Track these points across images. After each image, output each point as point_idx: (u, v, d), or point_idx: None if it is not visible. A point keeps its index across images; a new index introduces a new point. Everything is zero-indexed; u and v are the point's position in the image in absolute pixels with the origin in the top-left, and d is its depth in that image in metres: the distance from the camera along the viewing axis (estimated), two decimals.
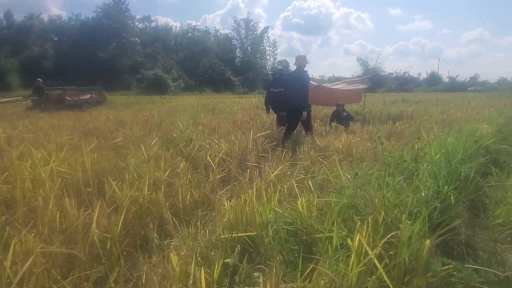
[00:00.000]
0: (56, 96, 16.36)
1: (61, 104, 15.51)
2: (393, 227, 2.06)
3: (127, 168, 4.02)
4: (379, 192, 2.34)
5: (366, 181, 2.98)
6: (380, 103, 14.41)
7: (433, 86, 63.88)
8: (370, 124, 9.62)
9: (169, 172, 4.19)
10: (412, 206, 2.26)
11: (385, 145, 4.97)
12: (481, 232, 2.59)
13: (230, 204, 2.52)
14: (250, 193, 2.78)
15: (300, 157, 4.98)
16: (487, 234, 2.56)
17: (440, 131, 7.10)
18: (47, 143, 5.65)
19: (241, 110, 15.90)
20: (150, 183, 3.64)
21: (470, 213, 2.90)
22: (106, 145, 6.04)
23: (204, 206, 3.58)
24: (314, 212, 2.42)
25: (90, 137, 7.25)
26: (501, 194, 3.77)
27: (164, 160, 4.80)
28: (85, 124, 9.14)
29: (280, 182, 3.78)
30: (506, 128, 7.97)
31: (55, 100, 15.99)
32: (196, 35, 64.64)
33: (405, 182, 3.24)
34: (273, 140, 6.76)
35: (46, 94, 16.06)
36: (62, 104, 15.51)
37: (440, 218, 2.26)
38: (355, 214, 2.34)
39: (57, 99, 16.07)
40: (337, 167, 3.24)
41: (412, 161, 3.86)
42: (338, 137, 6.57)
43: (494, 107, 14.65)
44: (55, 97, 16.24)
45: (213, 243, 2.23)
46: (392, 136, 7.59)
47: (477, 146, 4.87)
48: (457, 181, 3.39)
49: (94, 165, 4.43)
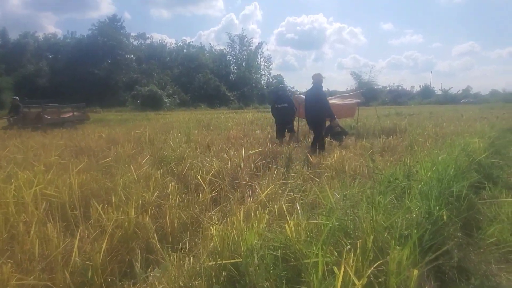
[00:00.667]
0: (35, 114, 15.68)
1: (40, 123, 14.72)
2: (383, 252, 2.00)
3: (115, 190, 3.92)
4: (369, 214, 2.28)
5: (356, 201, 2.92)
6: (374, 117, 14.44)
7: (427, 98, 64.55)
8: (364, 138, 9.60)
9: (158, 193, 4.11)
10: (403, 229, 2.20)
11: (377, 162, 4.93)
12: (474, 253, 2.53)
13: (216, 228, 2.43)
14: (238, 215, 2.70)
15: (292, 175, 4.91)
16: (481, 255, 2.49)
17: (433, 145, 7.10)
18: (36, 164, 5.55)
19: (236, 125, 15.86)
20: (137, 205, 3.56)
21: (463, 233, 2.84)
22: (96, 165, 5.95)
23: (193, 228, 3.49)
24: (302, 236, 2.34)
25: (81, 156, 7.15)
26: (495, 210, 3.73)
27: (154, 180, 4.72)
28: (77, 143, 9.03)
29: (271, 202, 3.71)
30: (498, 141, 8.00)
31: (34, 119, 15.28)
32: (191, 51, 65.20)
33: (397, 201, 3.19)
34: (265, 157, 6.70)
35: (22, 112, 15.40)
36: (40, 123, 14.71)
37: (431, 240, 2.20)
38: (345, 237, 2.27)
39: (35, 118, 15.35)
40: (328, 186, 3.17)
41: (404, 179, 3.82)
42: (331, 153, 6.53)
43: (486, 120, 14.77)
44: (34, 116, 15.51)
45: (196, 271, 2.15)
46: (386, 151, 7.55)
47: (469, 161, 4.85)
48: (450, 198, 3.35)
49: (82, 186, 4.34)
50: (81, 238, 3.03)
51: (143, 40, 63.27)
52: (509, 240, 2.92)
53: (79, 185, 4.28)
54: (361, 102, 12.75)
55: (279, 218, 3.15)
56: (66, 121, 16.40)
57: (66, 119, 16.62)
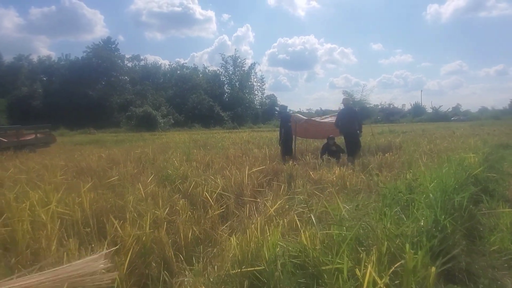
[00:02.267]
0: None
1: None
2: (396, 258, 2.13)
3: (126, 207, 4.02)
4: (380, 223, 2.42)
5: (365, 212, 3.07)
6: (369, 135, 14.71)
7: (418, 116, 65.57)
8: (361, 155, 9.81)
9: (168, 210, 4.21)
10: (413, 236, 2.35)
11: (380, 177, 5.10)
12: (479, 259, 2.67)
13: (236, 239, 2.55)
14: (253, 228, 2.82)
15: (296, 191, 5.05)
16: (485, 261, 2.64)
17: (430, 161, 7.31)
18: (42, 184, 5.62)
19: (233, 145, 16.01)
20: (151, 221, 3.66)
21: (467, 241, 2.99)
22: (102, 184, 6.03)
23: (206, 242, 3.59)
24: (317, 245, 2.47)
25: (84, 176, 7.23)
26: (494, 221, 3.89)
27: (162, 198, 4.83)
28: (77, 164, 9.09)
29: (279, 216, 3.83)
30: (492, 156, 8.25)
31: None
32: (185, 72, 66.00)
33: (402, 213, 3.34)
34: (267, 175, 6.85)
35: None
36: None
37: (440, 246, 2.34)
38: (358, 246, 2.40)
39: None
40: (336, 199, 3.32)
41: (407, 192, 3.98)
42: (331, 170, 6.69)
43: (478, 136, 15.13)
44: None
45: (222, 279, 2.25)
46: (383, 167, 7.74)
47: (466, 175, 5.04)
48: (453, 209, 3.51)
49: (92, 204, 4.42)
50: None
51: (137, 61, 64.09)
52: (510, 248, 3.07)
53: (89, 203, 4.37)
54: None
55: (290, 231, 3.28)
56: (27, 144, 15.32)
57: (27, 142, 15.55)
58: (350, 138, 9.62)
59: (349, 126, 9.52)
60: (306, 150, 12.38)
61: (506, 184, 6.05)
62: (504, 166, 8.14)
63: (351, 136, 9.57)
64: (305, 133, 12.54)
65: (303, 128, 11.98)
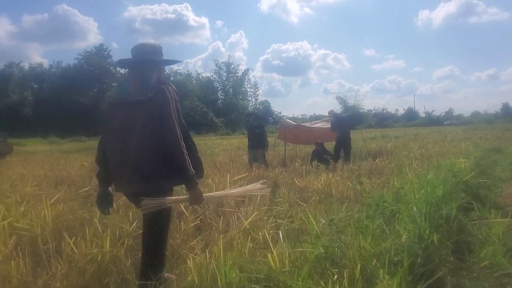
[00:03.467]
0: None
1: None
2: (372, 282, 1.86)
3: (91, 221, 3.72)
4: (356, 240, 2.15)
5: (344, 226, 2.80)
6: (361, 140, 14.51)
7: (411, 121, 65.79)
8: (351, 161, 9.56)
9: (138, 222, 3.90)
10: (392, 255, 2.08)
11: (364, 185, 4.84)
12: (468, 278, 2.41)
13: (194, 260, 2.27)
14: (219, 245, 2.54)
15: (277, 200, 4.77)
16: (475, 281, 2.37)
17: (420, 167, 7.07)
18: (12, 195, 5.29)
19: (223, 151, 15.75)
20: (114, 236, 3.37)
21: (455, 257, 2.72)
22: (76, 195, 5.72)
23: (174, 259, 3.29)
24: (287, 265, 2.19)
25: (61, 186, 6.92)
26: (486, 232, 3.64)
27: (135, 209, 4.53)
28: (58, 173, 8.75)
29: (256, 229, 3.55)
30: (483, 161, 8.04)
31: None
32: (178, 78, 65.65)
33: (387, 225, 3.08)
34: (252, 182, 6.56)
35: None
36: None
37: (423, 266, 2.07)
38: (332, 266, 2.13)
39: None
40: (312, 212, 3.04)
41: (393, 201, 3.72)
42: (318, 177, 6.42)
43: (470, 140, 14.99)
44: None
45: None
46: (373, 173, 7.49)
47: (456, 181, 4.80)
48: (440, 220, 3.25)
49: (57, 218, 4.11)
50: (53, 274, 2.82)
51: None
52: (502, 263, 2.81)
53: (54, 217, 4.06)
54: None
55: (264, 247, 3.00)
56: None
57: None
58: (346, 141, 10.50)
59: (345, 131, 10.42)
60: (296, 156, 12.14)
61: (498, 190, 5.83)
62: (496, 171, 7.93)
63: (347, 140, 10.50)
64: (295, 138, 12.33)
65: (293, 134, 11.77)
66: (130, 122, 2.31)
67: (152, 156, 2.26)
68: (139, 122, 2.27)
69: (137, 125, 2.28)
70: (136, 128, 2.28)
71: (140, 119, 2.27)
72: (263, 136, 9.56)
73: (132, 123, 2.30)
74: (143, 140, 2.26)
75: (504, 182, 6.70)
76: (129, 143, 2.29)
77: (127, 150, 2.29)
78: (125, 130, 2.32)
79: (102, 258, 2.82)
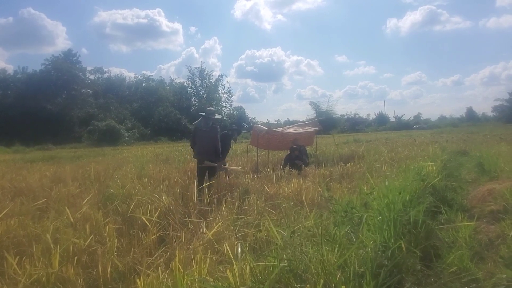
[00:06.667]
0: None
1: None
2: None
3: (40, 237, 3.43)
4: (319, 253, 2.03)
5: (311, 235, 2.68)
6: (333, 145, 14.61)
7: (382, 125, 67.48)
8: (323, 166, 9.55)
9: (94, 237, 3.64)
10: (357, 267, 1.97)
11: (332, 191, 4.76)
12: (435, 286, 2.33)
13: (145, 280, 2.07)
14: (177, 261, 2.35)
15: (245, 208, 4.61)
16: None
17: (389, 171, 7.11)
18: None
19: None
20: (67, 253, 3.11)
21: (422, 264, 2.65)
22: (32, 207, 5.35)
23: (132, 277, 3.06)
24: (248, 281, 2.04)
25: (18, 197, 6.47)
26: (453, 235, 3.62)
27: (94, 222, 4.26)
28: (16, 184, 8.23)
29: (221, 240, 3.38)
30: (450, 164, 8.21)
31: None
32: (151, 84, 64.56)
33: (354, 232, 2.98)
34: (222, 189, 6.38)
35: None
36: None
37: (390, 277, 1.97)
38: (295, 280, 1.99)
39: None
40: (272, 224, 2.90)
41: (362, 207, 3.65)
42: (289, 183, 6.32)
43: (437, 143, 15.40)
44: None
45: None
46: (344, 178, 7.48)
47: (424, 185, 4.81)
48: (408, 226, 3.20)
49: (5, 234, 3.79)
50: None
51: (100, 74, 61.79)
52: (469, 268, 2.77)
53: (2, 233, 3.74)
54: (319, 130, 12.90)
55: (228, 259, 2.83)
56: None
57: None
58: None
59: None
60: (268, 161, 12.03)
61: (464, 193, 5.92)
62: (462, 173, 8.12)
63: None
64: (267, 144, 12.23)
65: (265, 139, 11.66)
66: (205, 135, 7.11)
67: (211, 149, 7.03)
68: (208, 137, 7.08)
69: (207, 138, 7.09)
70: (207, 139, 7.09)
71: (209, 136, 7.07)
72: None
73: (205, 136, 7.09)
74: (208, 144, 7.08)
75: (470, 184, 6.84)
76: (205, 144, 7.10)
77: (204, 146, 7.09)
78: (203, 138, 7.11)
79: (47, 279, 2.56)
